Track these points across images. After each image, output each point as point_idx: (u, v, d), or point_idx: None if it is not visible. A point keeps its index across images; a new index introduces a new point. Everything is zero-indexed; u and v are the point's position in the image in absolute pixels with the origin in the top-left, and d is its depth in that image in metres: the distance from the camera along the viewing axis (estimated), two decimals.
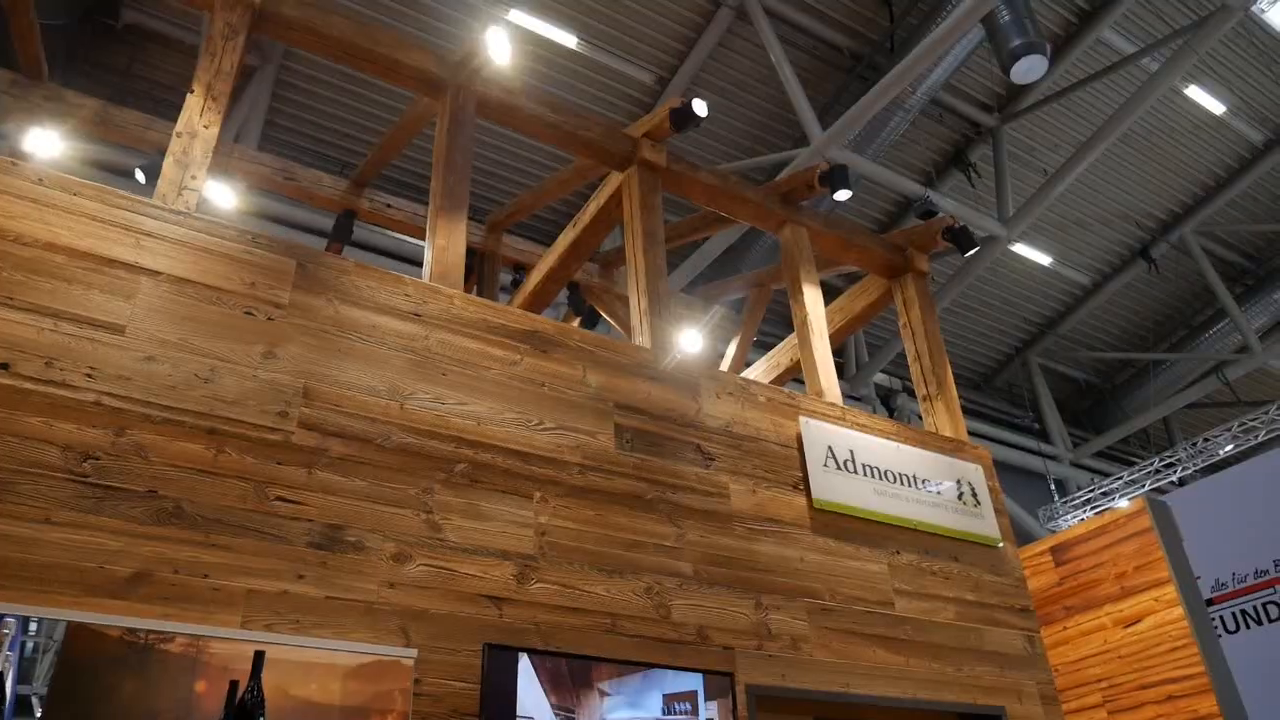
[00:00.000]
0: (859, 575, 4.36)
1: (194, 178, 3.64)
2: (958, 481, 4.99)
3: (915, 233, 5.89)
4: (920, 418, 5.80)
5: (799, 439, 4.55)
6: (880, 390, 13.95)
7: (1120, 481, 13.38)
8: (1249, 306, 14.02)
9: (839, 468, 4.57)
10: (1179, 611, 5.61)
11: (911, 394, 13.91)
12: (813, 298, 5.25)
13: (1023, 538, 13.70)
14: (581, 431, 3.88)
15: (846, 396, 13.48)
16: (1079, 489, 14.45)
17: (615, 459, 3.90)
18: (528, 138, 5.40)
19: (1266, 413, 12.04)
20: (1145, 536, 5.89)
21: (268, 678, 2.52)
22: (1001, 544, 4.96)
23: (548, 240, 6.45)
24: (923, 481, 4.84)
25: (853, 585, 4.30)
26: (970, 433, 14.93)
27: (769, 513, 4.23)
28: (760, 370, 6.60)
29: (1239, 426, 12.17)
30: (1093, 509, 13.43)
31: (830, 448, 4.60)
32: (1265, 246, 14.46)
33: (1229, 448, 12.22)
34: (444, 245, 4.08)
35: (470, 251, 6.64)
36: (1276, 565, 9.36)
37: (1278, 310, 14.07)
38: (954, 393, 5.52)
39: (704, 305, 7.26)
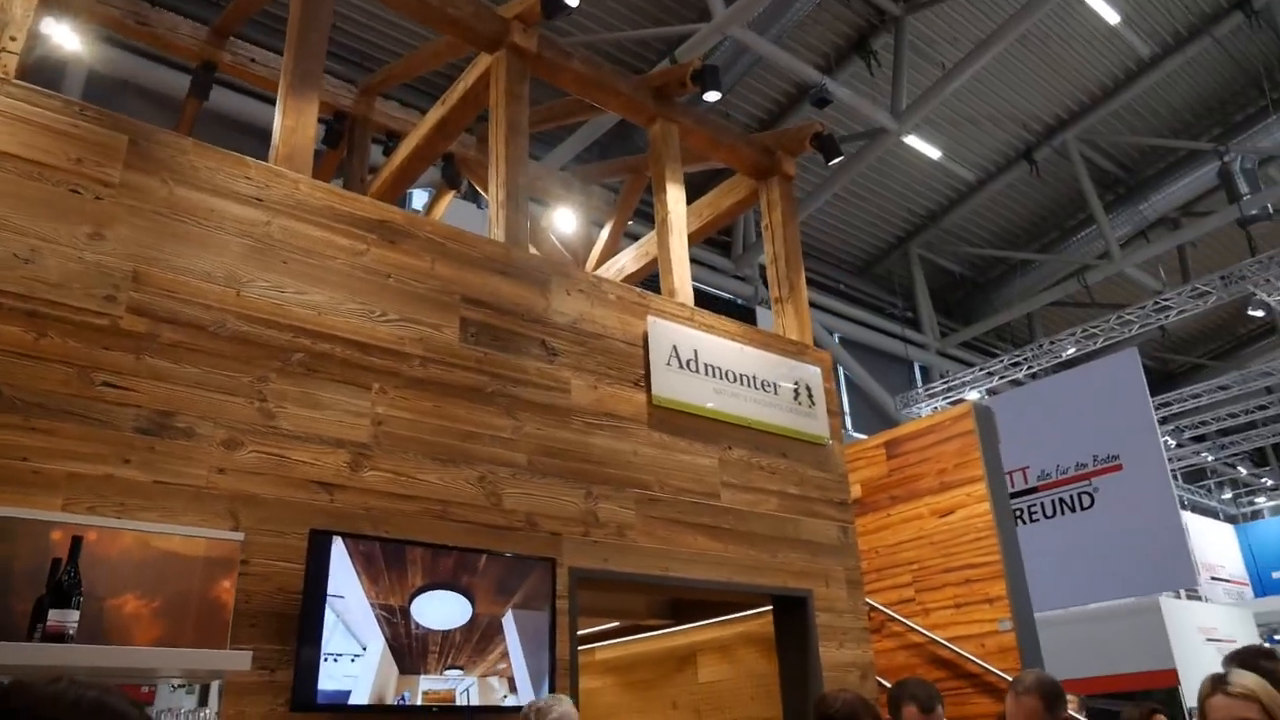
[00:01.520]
0: (689, 469, 4.67)
1: (13, 39, 3.45)
2: (796, 383, 5.31)
3: (785, 136, 6.00)
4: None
5: (645, 337, 4.75)
6: (764, 270, 14.28)
7: (973, 375, 14.23)
8: (1116, 215, 14.72)
9: (682, 367, 4.81)
10: (986, 506, 6.18)
11: None
12: (675, 196, 5.35)
13: (884, 421, 14.56)
14: (425, 324, 3.97)
15: (731, 275, 13.81)
16: (943, 376, 15.32)
17: (458, 352, 4.02)
18: (394, 9, 5.20)
19: (1108, 321, 12.89)
20: (967, 438, 6.40)
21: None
22: (829, 442, 5.35)
23: (429, 104, 6.28)
24: (762, 382, 5.13)
25: (682, 478, 4.62)
26: (845, 318, 15.46)
27: (608, 408, 4.46)
28: (630, 257, 6.72)
29: (1082, 332, 13.01)
30: (946, 399, 14.31)
31: (675, 347, 4.82)
32: (1139, 159, 15.06)
33: (1071, 350, 13.09)
34: (292, 126, 4.00)
35: (340, 116, 6.45)
36: (1095, 460, 10.33)
37: (1141, 221, 14.82)
38: (804, 297, 5.79)
39: (582, 186, 7.27)
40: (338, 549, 2.99)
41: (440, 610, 3.10)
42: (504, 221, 4.52)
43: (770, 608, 5.03)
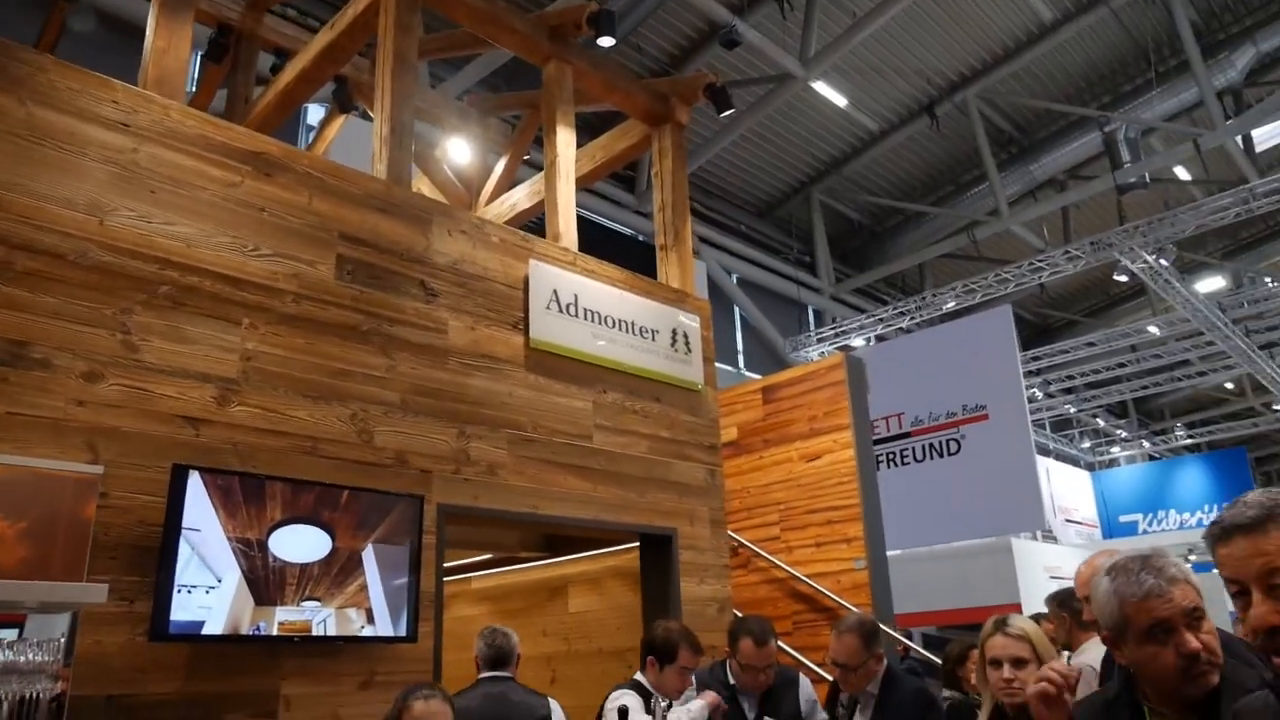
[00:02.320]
0: (564, 411, 4.82)
1: None
2: (674, 331, 5.48)
3: (680, 84, 6.07)
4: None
5: (526, 281, 4.83)
6: None
7: (860, 322, 14.75)
8: (1007, 174, 15.28)
9: (562, 311, 4.92)
10: (850, 453, 6.54)
11: (695, 214, 14.46)
12: (565, 139, 5.38)
13: (776, 362, 14.99)
14: (300, 260, 3.97)
15: (634, 211, 13.87)
16: (834, 321, 15.82)
17: (333, 289, 4.04)
18: None
19: (986, 278, 13.49)
20: (838, 388, 6.72)
21: None
22: (702, 388, 5.57)
23: (332, 15, 6.07)
24: (641, 328, 5.29)
25: (556, 419, 4.77)
26: (745, 259, 15.73)
27: (485, 349, 4.55)
28: (525, 193, 6.73)
29: (963, 287, 13.60)
30: (834, 344, 14.82)
31: (556, 291, 4.92)
32: (1034, 121, 15.60)
33: (952, 304, 13.69)
34: (164, 48, 3.88)
35: (226, 29, 6.21)
36: (964, 409, 10.92)
37: (1031, 181, 15.42)
38: (689, 246, 5.94)
39: (480, 117, 7.19)
40: (194, 483, 3.05)
41: (298, 544, 3.20)
42: (387, 158, 4.50)
43: (637, 544, 5.27)
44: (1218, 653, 1.77)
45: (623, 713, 2.65)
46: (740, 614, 5.04)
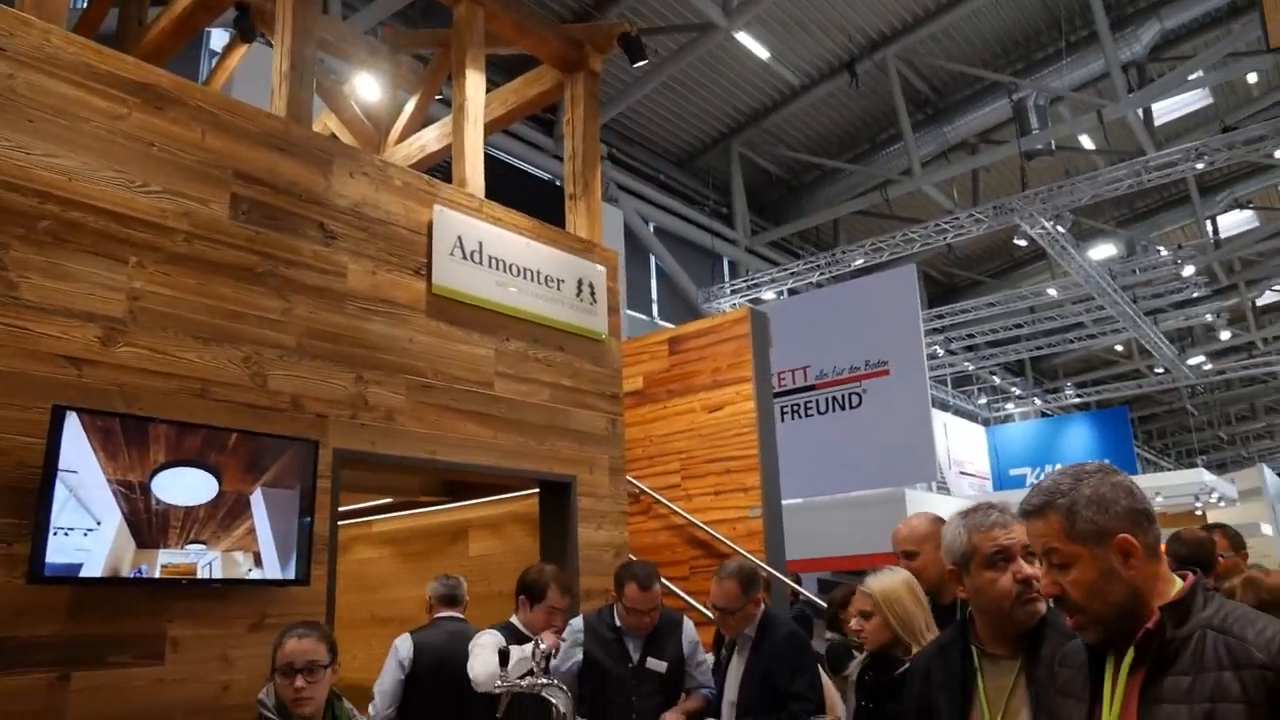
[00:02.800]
0: (465, 358, 4.84)
1: None
2: (580, 280, 5.52)
3: (594, 31, 6.02)
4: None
5: (430, 226, 4.80)
6: None
7: (772, 275, 14.99)
8: (922, 134, 15.58)
9: (465, 258, 4.91)
10: (751, 405, 6.72)
11: (614, 161, 14.43)
12: (474, 83, 5.31)
13: (690, 311, 15.16)
14: (192, 198, 3.87)
15: (552, 155, 13.73)
16: (748, 273, 16.03)
17: (227, 229, 3.96)
18: None
19: (893, 237, 13.84)
20: (742, 341, 6.87)
21: None
22: (606, 338, 5.65)
23: None
24: (546, 277, 5.31)
25: (457, 366, 4.79)
26: (662, 208, 15.74)
27: (385, 294, 4.52)
28: (434, 135, 6.62)
29: (871, 245, 13.93)
30: (747, 296, 15.05)
31: (460, 238, 4.90)
32: (949, 83, 15.89)
33: (860, 261, 14.02)
34: None
35: None
36: (866, 364, 11.26)
37: (944, 142, 15.77)
38: (598, 196, 5.96)
39: (390, 53, 7.00)
40: (72, 424, 3.00)
41: (183, 487, 3.19)
42: (286, 94, 4.39)
43: (537, 490, 5.36)
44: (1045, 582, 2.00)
45: (504, 654, 2.75)
46: (636, 558, 5.20)
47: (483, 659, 3.22)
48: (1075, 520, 1.57)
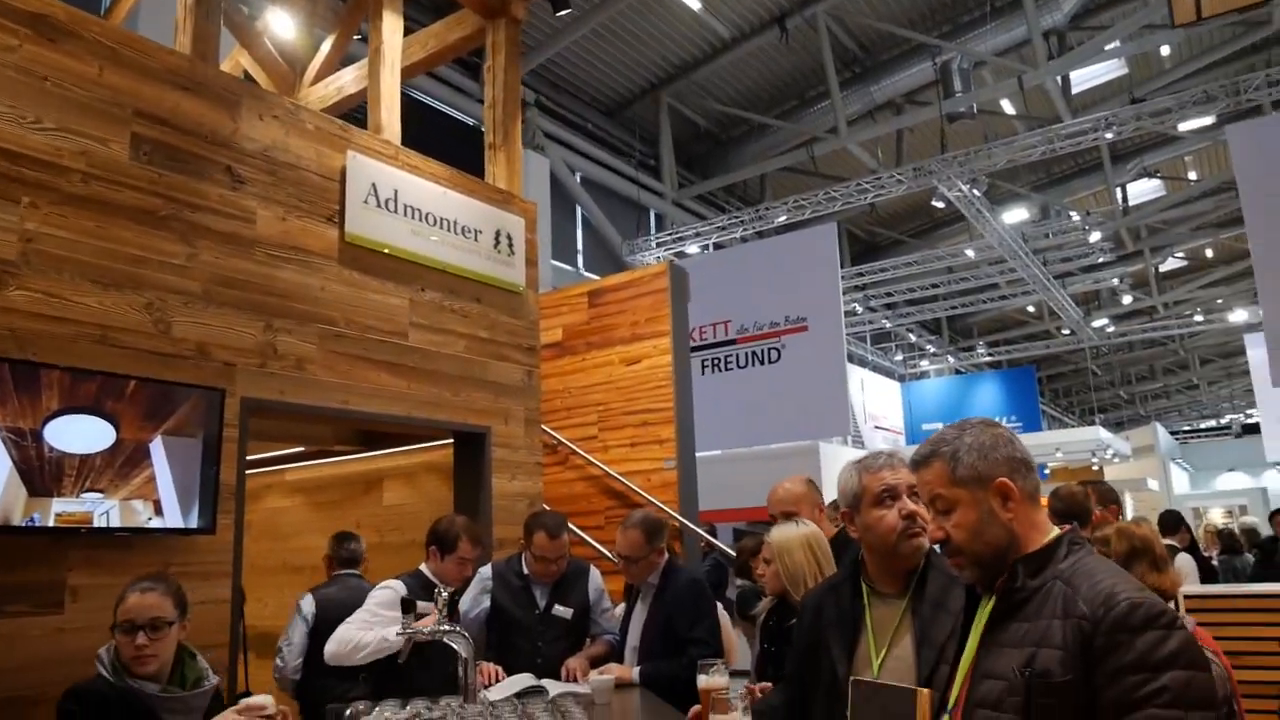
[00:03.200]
0: (379, 307, 4.81)
1: None
2: (498, 232, 5.50)
3: None
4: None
5: (343, 172, 4.71)
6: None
7: (697, 229, 15.06)
8: (849, 93, 15.69)
9: (380, 206, 4.84)
10: (668, 359, 6.81)
11: (541, 108, 14.24)
12: (391, 25, 5.20)
13: (615, 263, 15.16)
14: (90, 137, 3.73)
15: (475, 100, 13.47)
16: (674, 226, 16.06)
17: (127, 170, 3.84)
18: None
19: (816, 195, 14.01)
20: (660, 295, 6.94)
21: None
22: (524, 291, 5.65)
23: None
24: (463, 228, 5.28)
25: (370, 316, 4.75)
26: (589, 157, 15.60)
27: (296, 241, 4.45)
28: (352, 77, 6.46)
29: (794, 202, 14.08)
30: (671, 249, 15.11)
31: (375, 185, 4.83)
32: (877, 42, 15.99)
33: (783, 218, 14.18)
34: None
35: None
36: (786, 320, 11.46)
37: (870, 102, 15.90)
38: (518, 146, 5.91)
39: None
40: None
41: (78, 434, 3.13)
42: (191, 31, 4.24)
43: (452, 440, 5.38)
44: (928, 521, 2.16)
45: (406, 603, 2.80)
46: (548, 508, 5.27)
47: (344, 636, 3.32)
48: (958, 465, 1.67)
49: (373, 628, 3.35)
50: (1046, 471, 18.91)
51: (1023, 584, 1.62)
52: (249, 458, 4.18)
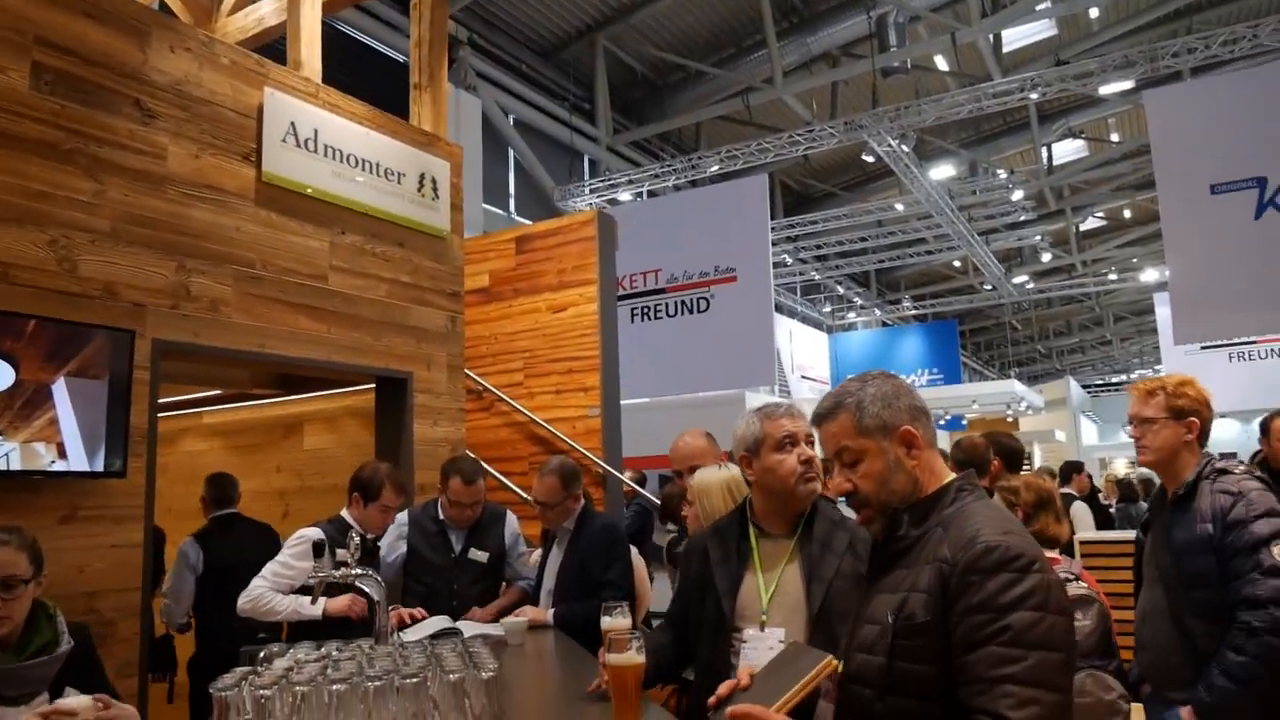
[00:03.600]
0: (298, 249, 4.73)
1: None
2: (422, 175, 5.43)
3: None
4: None
5: (260, 110, 4.59)
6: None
7: (629, 176, 14.99)
8: (786, 43, 15.65)
9: (299, 145, 4.73)
10: (594, 307, 6.85)
11: (474, 47, 13.93)
12: None
13: (546, 208, 15.03)
14: None
15: (406, 35, 13.10)
16: (607, 172, 15.96)
17: (28, 101, 3.68)
18: None
19: (748, 146, 14.04)
20: (588, 243, 6.95)
21: None
22: (448, 235, 5.61)
23: None
24: (386, 170, 5.20)
25: (288, 258, 4.67)
26: (524, 100, 15.30)
27: (210, 180, 4.34)
28: (272, 8, 6.23)
29: (726, 152, 14.10)
30: (604, 196, 15.03)
31: (294, 124, 4.71)
32: None
33: (715, 168, 14.19)
34: None
35: None
36: (715, 270, 11.55)
37: (806, 53, 15.90)
38: (444, 88, 5.80)
39: None
40: None
41: None
42: None
43: (374, 385, 5.36)
44: (821, 468, 2.25)
45: (318, 546, 2.82)
46: (470, 454, 5.30)
47: (258, 596, 3.35)
48: (864, 415, 1.71)
49: (286, 585, 3.39)
50: (964, 422, 19.55)
51: (906, 532, 1.67)
52: (164, 400, 4.13)
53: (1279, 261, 8.69)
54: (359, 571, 2.76)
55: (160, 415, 4.12)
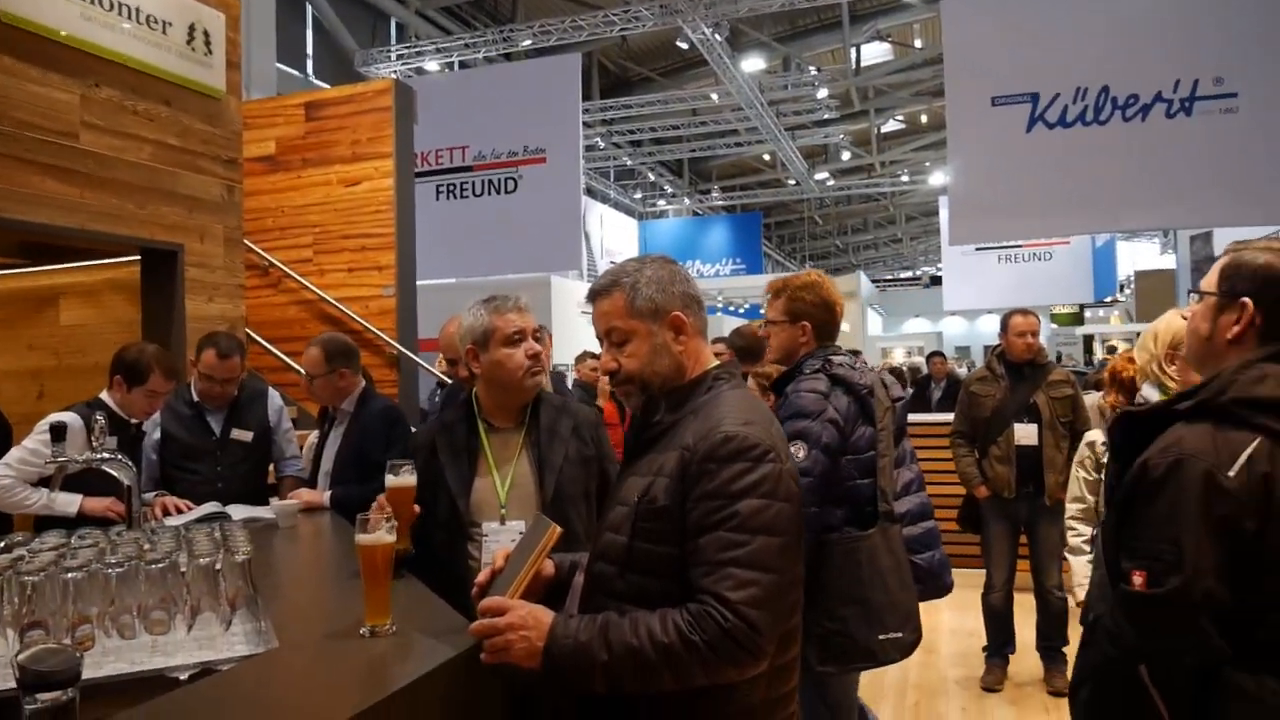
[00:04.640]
0: (42, 102, 4.22)
1: None
2: (192, 26, 4.93)
3: None
4: None
5: None
6: None
7: (437, 44, 14.24)
8: None
9: None
10: (390, 183, 6.58)
11: None
12: None
13: (348, 74, 14.10)
14: None
15: None
16: (415, 38, 15.07)
17: None
18: None
19: (563, 22, 13.62)
20: (384, 114, 6.61)
21: None
22: (224, 96, 5.16)
23: None
24: (148, 17, 4.68)
25: (30, 111, 4.16)
26: None
27: None
28: None
29: (539, 27, 13.63)
30: (410, 64, 14.24)
31: None
32: None
33: (528, 43, 13.72)
34: None
35: None
36: (525, 150, 11.32)
37: None
38: None
39: None
40: None
41: None
42: None
43: (140, 257, 4.96)
44: (548, 362, 2.32)
45: (56, 430, 2.62)
46: (255, 333, 5.06)
47: (4, 485, 3.13)
48: (637, 297, 1.72)
49: (34, 475, 3.16)
50: (763, 312, 20.45)
51: (662, 417, 1.72)
52: None
53: (1044, 173, 9.44)
54: (105, 455, 2.60)
55: None
